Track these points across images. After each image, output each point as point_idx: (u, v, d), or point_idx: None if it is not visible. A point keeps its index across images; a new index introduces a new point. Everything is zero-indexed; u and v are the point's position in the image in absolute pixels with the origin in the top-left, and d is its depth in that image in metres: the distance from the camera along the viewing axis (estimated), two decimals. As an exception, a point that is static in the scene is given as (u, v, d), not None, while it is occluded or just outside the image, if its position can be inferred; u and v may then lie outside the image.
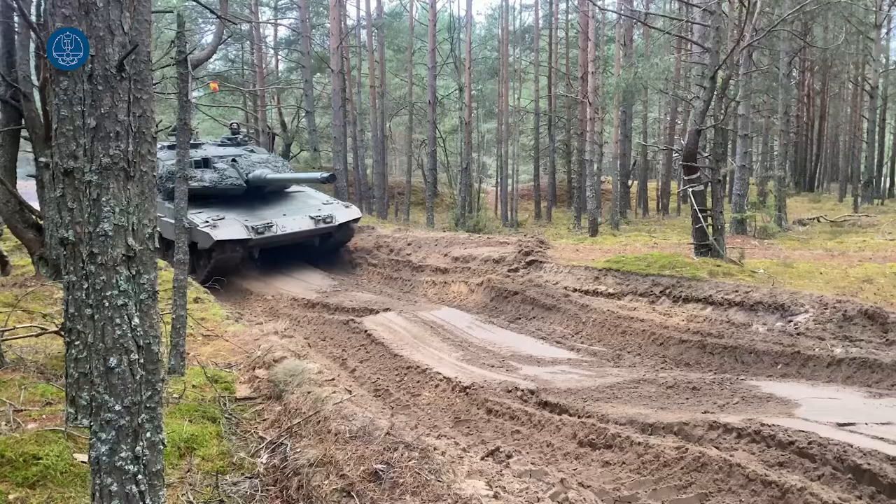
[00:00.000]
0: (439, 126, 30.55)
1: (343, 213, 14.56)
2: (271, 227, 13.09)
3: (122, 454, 2.66)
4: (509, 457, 4.23)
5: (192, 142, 14.17)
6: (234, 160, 14.26)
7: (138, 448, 2.72)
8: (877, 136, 28.90)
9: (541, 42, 34.00)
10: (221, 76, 31.21)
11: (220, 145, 15.59)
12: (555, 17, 32.86)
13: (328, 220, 13.99)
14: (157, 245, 2.84)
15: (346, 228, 14.74)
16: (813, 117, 37.28)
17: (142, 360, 2.72)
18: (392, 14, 35.99)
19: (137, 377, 2.69)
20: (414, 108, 32.51)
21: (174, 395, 4.86)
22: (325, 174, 13.87)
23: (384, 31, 32.28)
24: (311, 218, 13.82)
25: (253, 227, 12.77)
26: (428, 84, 27.45)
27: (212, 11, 7.17)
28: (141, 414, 2.72)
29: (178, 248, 5.50)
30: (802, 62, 31.52)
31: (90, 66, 2.56)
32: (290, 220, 13.62)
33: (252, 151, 15.34)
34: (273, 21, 32.93)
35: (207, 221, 12.49)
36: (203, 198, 13.47)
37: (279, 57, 36.35)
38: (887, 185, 36.18)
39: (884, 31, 27.98)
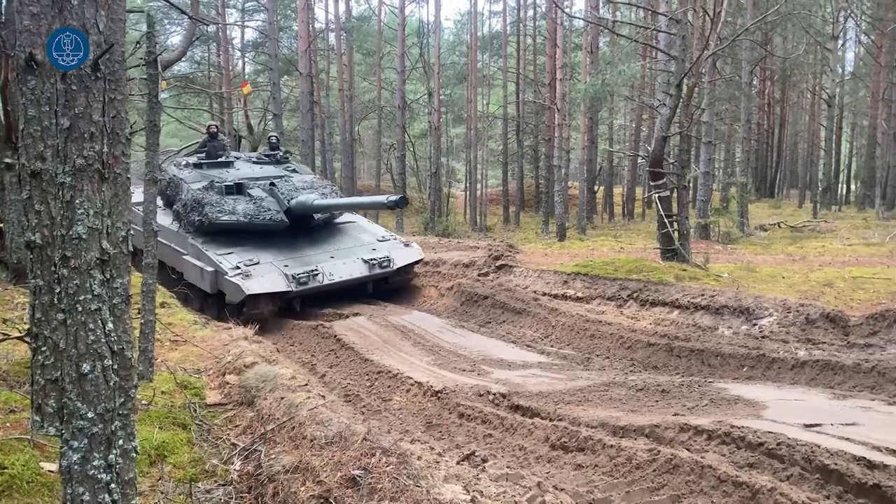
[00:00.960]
0: (408, 130, 30.56)
1: (402, 253, 12.10)
2: (316, 275, 10.76)
3: (95, 462, 2.60)
4: (485, 461, 4.24)
5: (223, 159, 12.75)
6: (272, 184, 11.95)
7: (111, 456, 2.66)
8: (834, 145, 29.67)
9: (509, 48, 34.23)
10: (187, 78, 30.79)
11: (255, 163, 13.29)
12: (523, 23, 33.11)
13: (385, 263, 11.58)
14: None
15: (406, 272, 12.29)
16: (773, 125, 38.14)
17: (115, 366, 2.66)
18: (361, 18, 35.90)
19: (111, 383, 2.64)
20: (383, 111, 32.48)
21: (143, 402, 4.76)
22: (393, 198, 10.28)
23: (353, 34, 32.19)
24: (365, 262, 11.42)
25: (294, 277, 10.52)
26: (397, 88, 27.45)
27: (182, 12, 7.08)
28: (114, 421, 2.67)
29: (147, 252, 5.40)
30: (763, 71, 32.24)
31: (64, 65, 2.50)
32: (338, 264, 11.23)
33: (294, 171, 13.15)
34: (241, 23, 32.61)
35: (238, 268, 10.33)
36: (234, 233, 11.26)
37: (246, 59, 36.01)
38: (844, 191, 37.17)
39: (840, 42, 28.78)
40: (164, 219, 11.60)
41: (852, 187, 39.04)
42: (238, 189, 11.73)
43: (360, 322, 10.04)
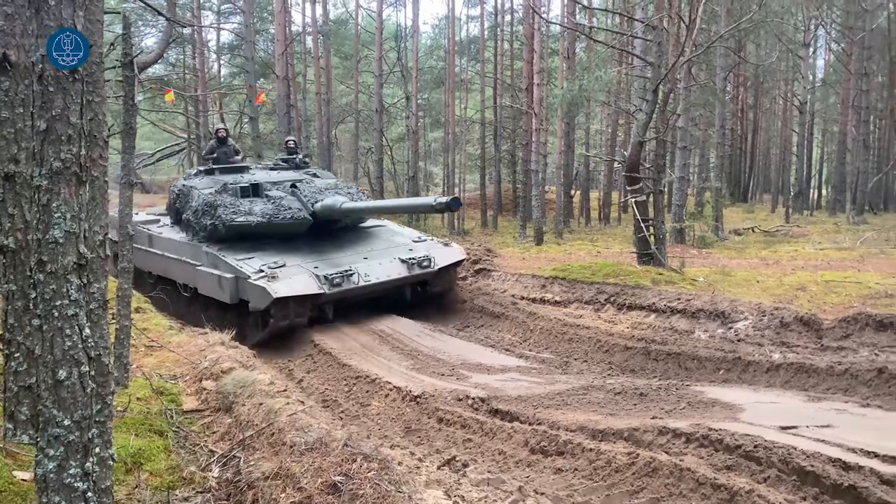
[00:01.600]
0: (386, 134, 30.51)
1: (443, 253, 10.93)
2: (350, 275, 9.62)
3: (72, 471, 2.56)
4: (466, 466, 4.24)
5: (235, 164, 11.96)
6: (293, 186, 10.92)
7: (88, 464, 2.62)
8: (805, 150, 30.20)
9: (486, 53, 34.33)
10: (163, 80, 30.46)
11: (272, 169, 12.21)
12: (500, 28, 33.23)
13: (425, 263, 10.42)
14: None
15: (449, 274, 11.10)
16: (746, 131, 38.72)
17: (92, 373, 2.62)
18: (338, 21, 35.80)
19: (88, 390, 2.59)
20: (360, 115, 32.39)
21: (118, 409, 4.69)
22: (443, 199, 8.84)
23: (330, 37, 32.09)
24: (403, 261, 10.30)
25: (326, 278, 9.39)
26: (374, 92, 27.40)
27: (159, 13, 7.01)
28: (91, 428, 2.62)
29: (122, 256, 5.33)
30: (737, 78, 32.71)
31: (40, 66, 2.46)
32: (374, 265, 10.09)
33: (315, 176, 12.00)
34: (217, 25, 32.36)
35: (262, 271, 9.19)
36: (253, 237, 10.23)
37: (222, 62, 35.73)
38: (815, 196, 37.81)
39: (811, 49, 29.31)
40: (173, 234, 11.14)
41: (824, 192, 39.71)
42: (255, 191, 10.68)
43: (337, 326, 9.99)
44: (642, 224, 12.13)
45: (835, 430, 4.47)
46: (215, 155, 12.22)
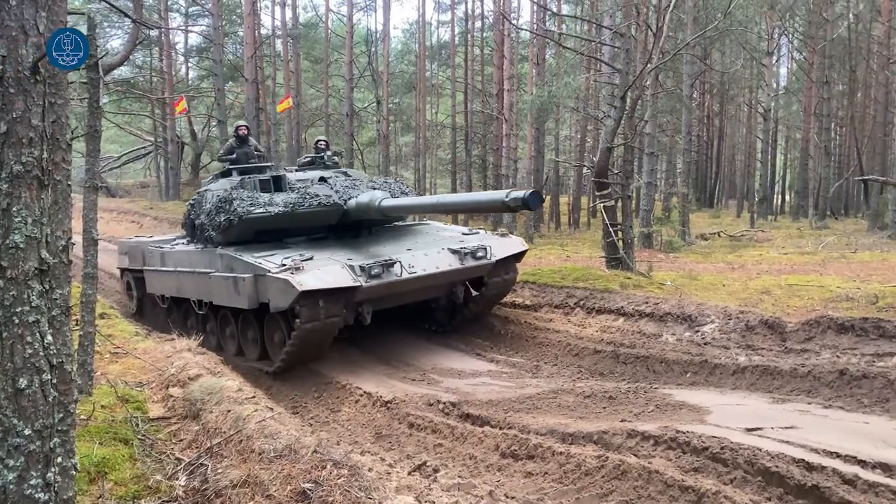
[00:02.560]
0: (357, 138, 30.40)
1: (501, 244, 9.19)
2: (391, 266, 7.94)
3: (32, 482, 2.50)
4: (436, 471, 4.23)
5: (255, 163, 10.64)
6: (322, 179, 9.59)
7: (49, 474, 2.56)
8: (769, 157, 30.80)
9: (457, 58, 34.46)
10: (129, 82, 30.00)
11: (298, 170, 10.79)
12: (471, 34, 33.38)
13: (479, 253, 8.71)
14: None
15: (507, 269, 9.37)
16: (712, 137, 39.37)
17: (54, 381, 2.57)
18: (308, 25, 35.61)
19: (50, 399, 2.54)
20: (331, 119, 32.25)
21: (82, 417, 4.59)
22: (518, 194, 6.67)
23: (300, 41, 31.91)
24: (453, 252, 8.62)
25: (362, 269, 7.75)
26: (345, 96, 27.30)
27: (125, 15, 6.90)
28: (53, 438, 2.57)
29: (86, 261, 5.23)
30: (703, 85, 33.24)
31: (1, 67, 2.41)
32: (419, 256, 8.39)
33: (345, 174, 10.27)
34: (185, 28, 31.98)
35: (284, 264, 7.61)
36: (274, 235, 8.94)
37: (190, 64, 35.32)
38: (779, 202, 38.59)
39: (774, 58, 29.95)
40: (186, 247, 9.92)
41: (787, 198, 40.57)
42: (276, 184, 9.24)
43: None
44: (611, 229, 12.24)
45: (799, 432, 4.56)
46: (234, 156, 10.85)
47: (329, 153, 11.51)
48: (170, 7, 30.18)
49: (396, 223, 10.17)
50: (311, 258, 7.90)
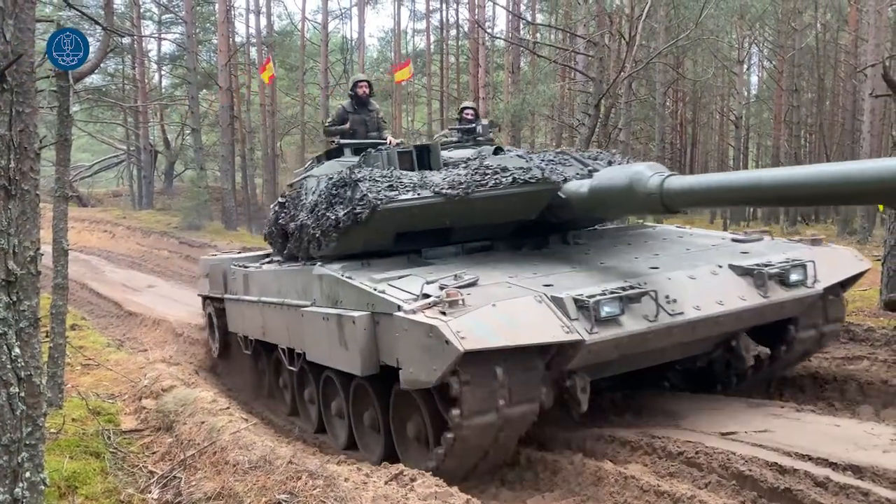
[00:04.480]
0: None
1: (824, 258, 5.44)
2: (638, 298, 4.48)
3: (0, 497, 2.45)
4: (413, 480, 4.21)
5: (375, 138, 7.45)
6: (498, 149, 6.38)
7: (17, 490, 2.51)
8: (741, 163, 31.25)
9: (433, 66, 34.56)
10: (100, 91, 29.65)
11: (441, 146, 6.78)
12: (446, 42, 33.51)
13: (793, 277, 5.10)
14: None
15: (836, 306, 5.74)
16: (685, 144, 39.81)
17: (22, 394, 2.52)
18: (283, 32, 35.48)
19: (17, 412, 2.49)
20: (306, 127, 32.12)
21: (52, 430, 4.51)
22: None
23: (275, 49, 31.78)
24: (743, 272, 5.07)
25: (581, 305, 4.32)
26: (321, 104, 27.23)
27: (96, 22, 6.82)
28: (21, 452, 2.52)
29: (56, 272, 5.15)
30: (675, 93, 33.67)
31: (-34, 76, 2.37)
32: (682, 281, 4.85)
33: (501, 150, 6.38)
34: (157, 35, 31.72)
35: (428, 294, 4.41)
36: (426, 239, 5.57)
37: (163, 72, 35.01)
38: (751, 209, 39.11)
39: (745, 66, 30.43)
40: (271, 269, 6.93)
41: (758, 204, 41.03)
42: (422, 157, 6.02)
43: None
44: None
45: (772, 435, 4.60)
46: (347, 126, 7.40)
47: (485, 122, 8.27)
48: (142, 14, 29.90)
49: (597, 226, 6.74)
50: (475, 282, 4.63)
